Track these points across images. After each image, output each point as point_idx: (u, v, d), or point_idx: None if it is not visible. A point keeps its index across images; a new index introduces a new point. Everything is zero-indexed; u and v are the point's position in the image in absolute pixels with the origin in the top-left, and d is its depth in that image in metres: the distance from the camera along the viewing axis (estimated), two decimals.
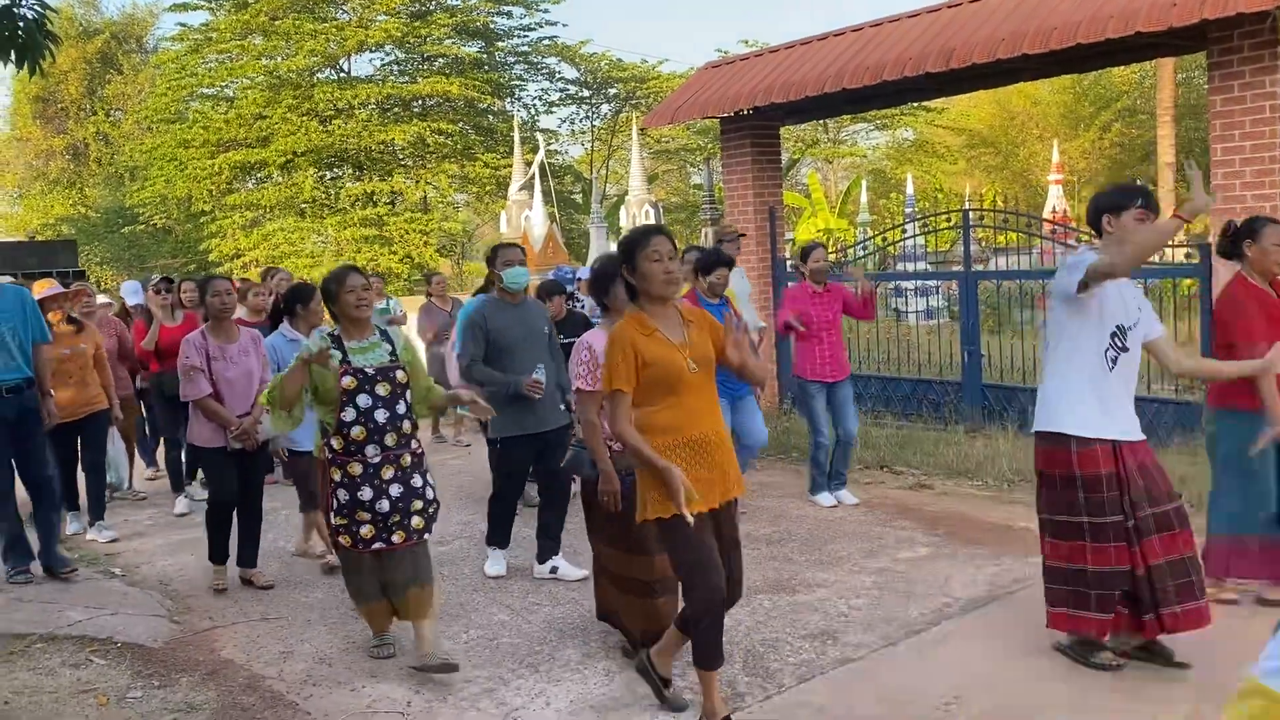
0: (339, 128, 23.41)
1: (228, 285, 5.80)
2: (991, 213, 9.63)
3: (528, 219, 16.71)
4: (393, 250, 23.06)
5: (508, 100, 27.78)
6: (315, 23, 23.57)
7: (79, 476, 7.08)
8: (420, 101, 25.25)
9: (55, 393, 6.26)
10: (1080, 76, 29.52)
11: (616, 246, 3.72)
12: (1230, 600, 4.64)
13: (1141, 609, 3.99)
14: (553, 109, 30.68)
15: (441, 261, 25.38)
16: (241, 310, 8.71)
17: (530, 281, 7.38)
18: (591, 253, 15.55)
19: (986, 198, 18.51)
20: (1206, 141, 7.32)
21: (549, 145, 24.32)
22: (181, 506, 7.71)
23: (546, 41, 27.49)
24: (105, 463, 7.22)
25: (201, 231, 25.66)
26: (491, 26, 26.26)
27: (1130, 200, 3.98)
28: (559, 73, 29.15)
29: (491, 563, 5.78)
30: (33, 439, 5.93)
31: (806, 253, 7.01)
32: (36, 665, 4.68)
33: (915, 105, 26.41)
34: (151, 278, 8.52)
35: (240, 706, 4.19)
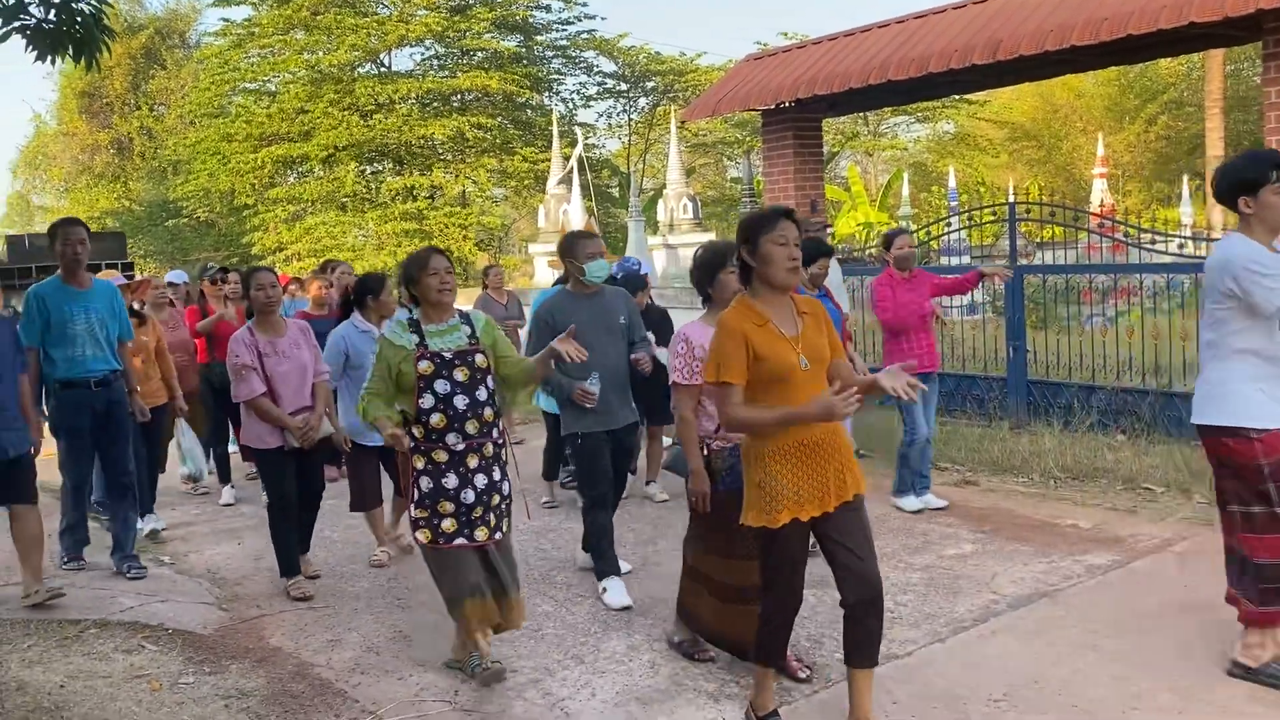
0: (379, 122, 23.58)
1: (272, 278, 5.64)
2: (1038, 206, 9.50)
3: (566, 213, 16.75)
4: (433, 244, 23.19)
5: (546, 94, 27.84)
6: (356, 17, 23.75)
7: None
8: (459, 96, 25.37)
9: None
10: (1125, 69, 29.13)
11: (739, 225, 3.51)
12: None
13: None
14: (590, 103, 30.77)
15: (480, 255, 25.51)
16: (305, 302, 8.81)
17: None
18: (629, 246, 15.54)
19: (1030, 191, 18.26)
20: (1257, 134, 7.18)
21: (586, 139, 24.34)
22: (228, 496, 7.71)
23: (585, 35, 27.53)
24: (161, 456, 7.17)
25: (244, 225, 25.96)
26: (530, 21, 26.34)
27: (1264, 174, 3.73)
28: (597, 66, 29.19)
29: (613, 594, 5.12)
30: (120, 434, 5.88)
31: (890, 239, 6.69)
32: (90, 650, 4.76)
33: (957, 98, 26.13)
34: (209, 267, 8.41)
35: (290, 694, 4.24)
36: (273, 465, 5.51)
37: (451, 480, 4.13)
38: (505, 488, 4.31)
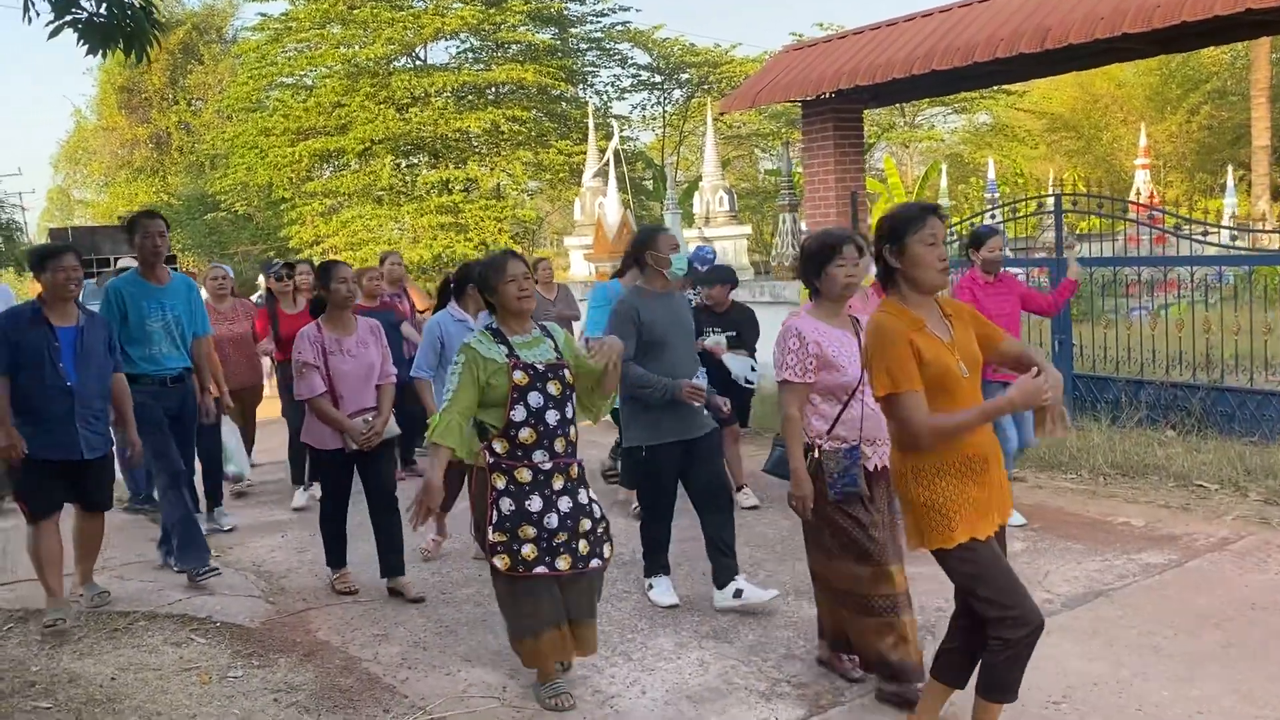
0: (415, 115, 23.63)
1: (351, 271, 5.43)
2: (1085, 197, 9.34)
3: (602, 206, 16.69)
4: (468, 237, 23.25)
5: (580, 87, 27.81)
6: (392, 11, 23.80)
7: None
8: (494, 89, 25.39)
9: None
10: (1167, 58, 28.63)
11: (880, 222, 3.28)
12: None
13: None
14: (624, 95, 30.62)
15: (515, 249, 25.53)
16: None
17: (604, 270, 7.38)
18: None
19: (1069, 182, 18.02)
20: None
21: (621, 132, 24.29)
22: (300, 499, 7.34)
23: (619, 27, 27.45)
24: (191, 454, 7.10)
25: (281, 218, 26.12)
26: (565, 13, 26.28)
27: None
28: (631, 59, 29.10)
29: (659, 591, 5.04)
30: (185, 433, 5.81)
31: (980, 239, 6.18)
32: (140, 643, 4.79)
33: (995, 88, 25.83)
34: (273, 264, 8.12)
35: (339, 688, 4.23)
36: (331, 466, 5.36)
37: (535, 503, 3.84)
38: (596, 510, 4.02)
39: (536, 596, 3.89)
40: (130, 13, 3.96)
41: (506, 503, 3.84)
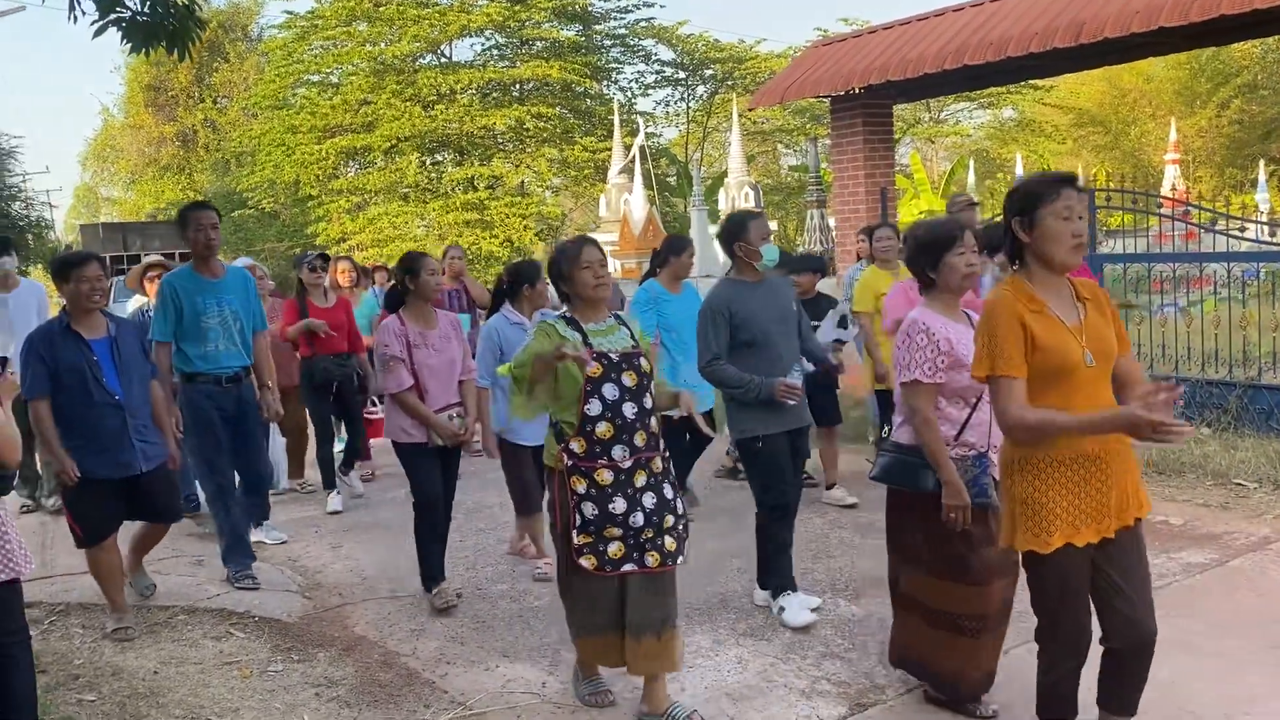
0: (441, 113, 23.74)
1: (438, 262, 5.19)
2: (1119, 193, 9.26)
3: (627, 202, 16.72)
4: (493, 234, 23.32)
5: (605, 83, 27.83)
6: (418, 8, 23.91)
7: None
8: (519, 86, 25.45)
9: None
10: (1198, 52, 28.34)
11: (1011, 195, 3.05)
12: None
13: None
14: (648, 91, 30.65)
15: (539, 245, 25.58)
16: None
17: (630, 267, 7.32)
18: (692, 236, 15.47)
19: (1099, 178, 17.87)
20: None
21: (646, 128, 24.32)
22: (335, 503, 7.11)
23: (643, 23, 27.45)
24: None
25: (308, 215, 26.31)
26: (589, 9, 26.31)
27: None
28: (655, 55, 29.10)
29: (792, 611, 4.62)
30: (251, 433, 5.59)
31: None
32: (180, 637, 4.83)
33: (1022, 83, 25.64)
34: (306, 255, 7.78)
35: (378, 683, 4.25)
36: (419, 462, 5.09)
37: (619, 504, 3.61)
38: (680, 506, 3.79)
39: (604, 596, 3.73)
40: (173, 11, 4.00)
41: (589, 507, 3.64)
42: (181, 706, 4.07)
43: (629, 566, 3.66)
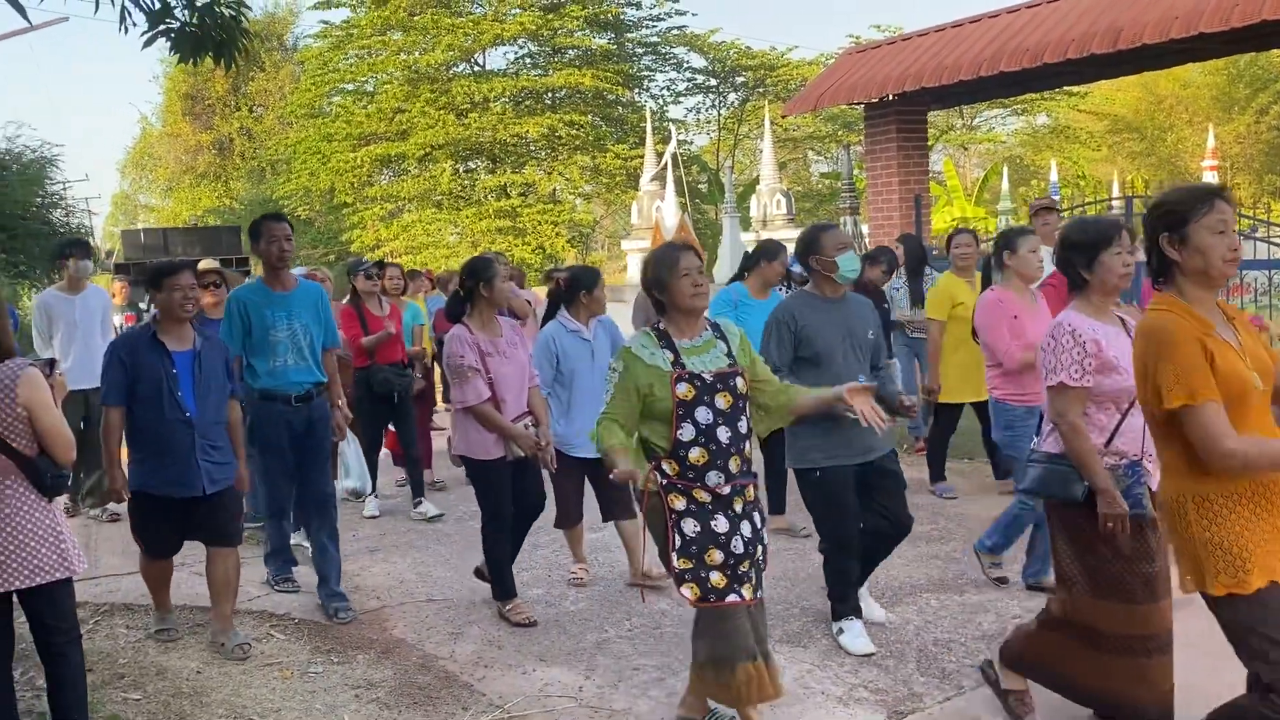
0: (474, 121, 23.92)
1: (509, 268, 5.06)
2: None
3: (659, 209, 16.75)
4: (525, 241, 23.46)
5: (636, 91, 27.93)
6: (452, 17, 24.11)
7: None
8: (552, 94, 25.61)
9: None
10: (1235, 57, 28.04)
11: (1156, 207, 2.91)
12: None
13: None
14: (680, 99, 30.68)
15: (571, 252, 25.71)
16: (442, 299, 8.38)
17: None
18: (724, 243, 15.49)
19: (1135, 185, 17.72)
20: None
21: (678, 135, 24.39)
22: (372, 508, 7.15)
23: (675, 31, 27.52)
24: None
25: (342, 223, 26.57)
26: (621, 18, 26.43)
27: None
28: (687, 62, 29.17)
29: (851, 636, 4.44)
30: (320, 453, 5.32)
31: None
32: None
33: (1056, 89, 25.48)
34: (362, 262, 7.59)
35: (417, 685, 4.29)
36: (492, 477, 4.92)
37: (721, 523, 3.39)
38: (766, 537, 3.60)
39: (736, 623, 3.43)
40: (221, 22, 4.08)
41: (690, 524, 3.40)
42: (224, 706, 4.13)
43: (732, 598, 3.41)
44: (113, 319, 8.10)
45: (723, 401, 3.43)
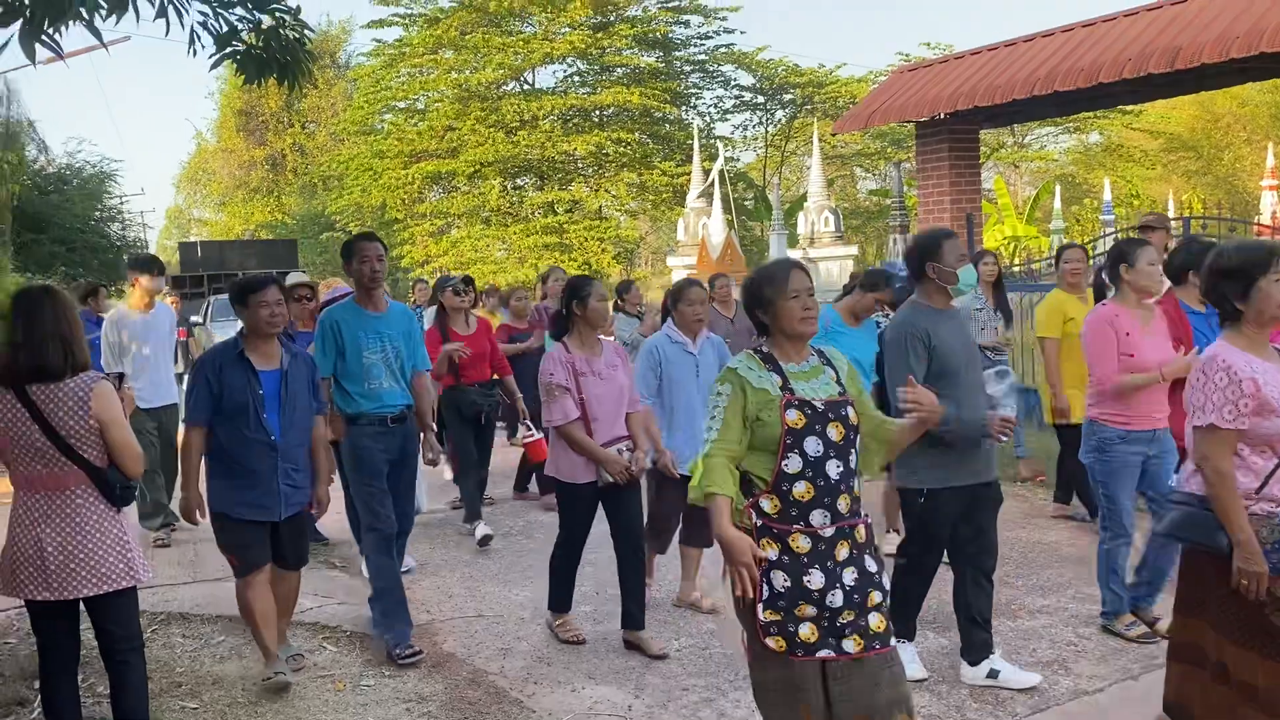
0: (523, 138, 24.15)
1: (605, 290, 4.93)
2: (1216, 220, 9.06)
3: (705, 226, 16.81)
4: (571, 257, 23.61)
5: (684, 109, 28.03)
6: (503, 37, 24.38)
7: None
8: (600, 111, 25.79)
9: None
10: None
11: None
12: None
13: None
14: (727, 116, 30.73)
15: (616, 268, 25.82)
16: (504, 315, 8.39)
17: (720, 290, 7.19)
18: (770, 258, 15.48)
19: (1190, 204, 17.44)
20: None
21: (725, 153, 24.44)
22: (483, 530, 6.75)
23: (723, 49, 27.61)
24: None
25: (393, 238, 26.90)
26: (670, 36, 26.58)
27: None
28: (734, 80, 29.25)
29: (904, 660, 3.92)
30: (409, 478, 5.23)
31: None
32: None
33: (1110, 108, 25.20)
34: (450, 278, 7.44)
35: (467, 700, 4.32)
36: (578, 502, 4.81)
37: (816, 578, 2.96)
38: (885, 580, 3.13)
39: (804, 689, 2.99)
40: (285, 44, 4.17)
41: (780, 577, 2.98)
42: (279, 716, 4.19)
43: (825, 653, 2.98)
44: (177, 336, 8.18)
45: (834, 433, 3.05)
